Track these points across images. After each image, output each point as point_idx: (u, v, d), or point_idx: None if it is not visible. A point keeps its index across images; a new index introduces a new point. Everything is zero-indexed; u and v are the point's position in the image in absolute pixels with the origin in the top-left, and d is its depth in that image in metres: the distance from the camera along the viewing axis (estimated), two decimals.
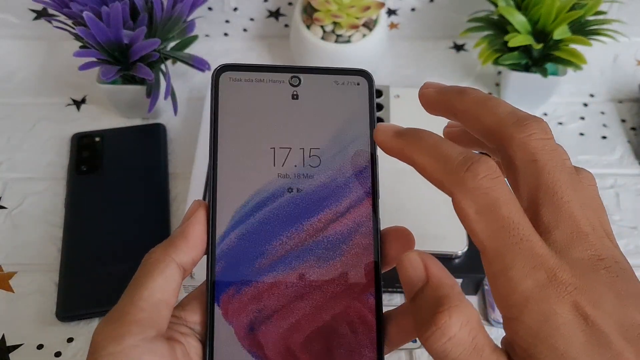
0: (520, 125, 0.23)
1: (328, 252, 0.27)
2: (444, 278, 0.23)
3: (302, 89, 0.28)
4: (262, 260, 0.27)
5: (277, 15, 0.67)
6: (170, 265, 0.26)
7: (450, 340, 0.21)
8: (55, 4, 0.51)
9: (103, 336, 0.24)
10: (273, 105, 0.28)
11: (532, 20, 0.55)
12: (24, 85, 0.64)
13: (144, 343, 0.24)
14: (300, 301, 0.27)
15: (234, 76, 0.28)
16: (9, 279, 0.50)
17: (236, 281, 0.27)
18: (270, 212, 0.27)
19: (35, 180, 0.56)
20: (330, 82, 0.28)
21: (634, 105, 0.62)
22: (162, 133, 0.58)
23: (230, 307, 0.27)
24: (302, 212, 0.27)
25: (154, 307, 0.25)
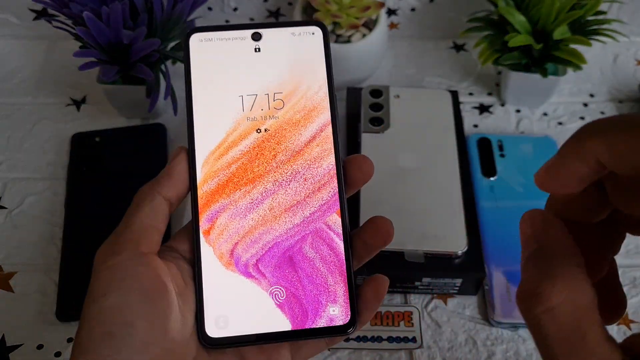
0: None
1: (296, 179, 0.31)
2: (563, 243, 0.20)
3: (264, 43, 0.32)
4: (238, 191, 0.31)
5: (277, 15, 0.67)
6: (156, 197, 0.30)
7: (548, 312, 0.18)
8: (55, 4, 0.51)
9: (102, 254, 0.29)
10: (238, 58, 0.32)
11: (532, 20, 0.55)
12: (24, 85, 0.64)
13: (138, 257, 0.28)
14: (274, 225, 0.30)
15: (202, 37, 0.32)
16: (9, 278, 0.50)
17: (216, 210, 0.31)
18: (242, 150, 0.31)
19: (35, 180, 0.56)
20: (288, 34, 0.32)
21: (634, 106, 0.62)
22: (162, 133, 0.58)
23: (213, 235, 0.31)
24: (270, 148, 0.31)
25: (144, 230, 0.29)
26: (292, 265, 0.30)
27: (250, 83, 0.32)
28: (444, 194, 0.50)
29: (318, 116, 0.32)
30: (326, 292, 0.30)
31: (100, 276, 0.28)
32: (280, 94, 0.32)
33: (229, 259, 0.30)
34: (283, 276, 0.30)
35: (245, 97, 0.32)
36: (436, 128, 0.54)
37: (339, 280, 0.30)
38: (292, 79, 0.32)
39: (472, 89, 0.64)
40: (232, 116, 0.31)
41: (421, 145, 0.53)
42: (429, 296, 0.49)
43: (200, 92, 0.32)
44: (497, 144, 0.56)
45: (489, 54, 0.57)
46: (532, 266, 0.20)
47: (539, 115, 0.61)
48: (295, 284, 0.30)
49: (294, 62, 0.32)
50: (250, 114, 0.31)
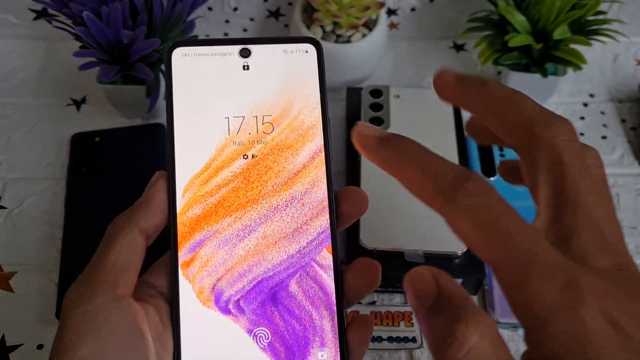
0: (546, 125, 0.23)
1: (284, 213, 0.28)
2: (457, 290, 0.21)
3: (253, 60, 0.29)
4: (222, 224, 0.28)
5: (277, 15, 0.67)
6: (133, 231, 0.27)
7: (470, 353, 0.19)
8: (54, 4, 0.51)
9: (72, 298, 0.26)
10: (225, 76, 0.29)
11: (532, 20, 0.55)
12: (23, 85, 0.64)
13: (113, 302, 0.26)
14: (260, 261, 0.28)
15: (185, 51, 0.29)
16: (9, 279, 0.50)
17: (197, 245, 0.28)
18: (227, 178, 0.29)
19: (35, 181, 0.56)
20: (279, 51, 0.30)
21: (634, 105, 0.62)
22: (162, 133, 0.58)
23: (192, 270, 0.28)
24: (258, 176, 0.29)
25: (120, 269, 0.27)
26: (278, 304, 0.28)
27: (237, 103, 0.29)
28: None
29: (310, 142, 0.29)
30: (314, 335, 0.28)
31: (72, 323, 0.25)
32: (269, 117, 0.29)
33: (210, 296, 0.28)
34: (268, 317, 0.28)
35: (232, 119, 0.29)
36: (436, 128, 0.54)
37: (329, 323, 0.28)
38: (283, 100, 0.29)
39: None
40: (217, 139, 0.29)
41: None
42: None
43: (182, 112, 0.29)
44: None
45: (489, 54, 0.57)
46: (436, 318, 0.20)
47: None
48: (281, 325, 0.28)
49: (286, 82, 0.29)
50: (237, 138, 0.29)
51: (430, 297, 0.21)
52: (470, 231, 0.21)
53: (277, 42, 0.30)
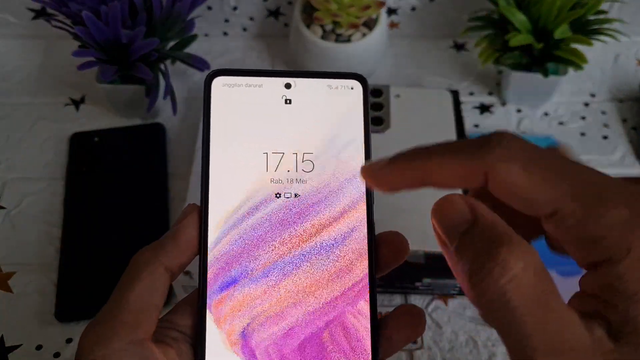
0: None
1: (321, 257, 0.27)
2: (496, 217, 0.19)
3: (295, 94, 0.28)
4: (255, 265, 0.27)
5: (276, 15, 0.67)
6: (158, 269, 0.25)
7: (512, 281, 0.17)
8: (53, 4, 0.51)
9: (89, 339, 0.24)
10: (266, 110, 0.28)
11: (532, 19, 0.55)
12: (22, 84, 0.64)
13: (131, 346, 0.24)
14: (292, 307, 0.26)
15: (226, 81, 0.28)
16: (8, 279, 0.49)
17: (228, 286, 0.27)
18: (262, 217, 0.27)
19: (34, 180, 0.56)
20: (324, 86, 0.28)
21: (635, 105, 0.62)
22: (161, 133, 0.58)
23: (221, 312, 0.26)
24: (295, 217, 0.27)
25: (141, 309, 0.25)
26: (308, 356, 0.26)
27: (277, 139, 0.28)
28: (444, 194, 0.49)
29: (351, 185, 0.27)
30: None
31: None
32: (310, 154, 0.28)
33: (238, 340, 0.26)
34: None
35: (271, 155, 0.27)
36: (437, 128, 0.54)
37: None
38: (325, 138, 0.28)
39: (473, 89, 0.64)
40: (253, 175, 0.27)
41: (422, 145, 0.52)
42: (430, 297, 0.49)
43: (219, 145, 0.27)
44: None
45: (489, 53, 0.57)
46: (472, 245, 0.19)
47: (539, 114, 0.61)
48: None
49: (329, 119, 0.28)
50: (275, 175, 0.27)
51: (463, 223, 0.20)
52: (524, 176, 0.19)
53: (321, 76, 0.28)
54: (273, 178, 0.27)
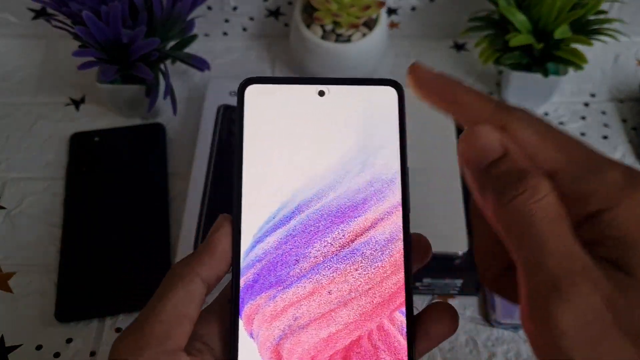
0: None
1: (356, 265, 0.26)
2: (524, 154, 0.21)
3: (329, 101, 0.28)
4: (289, 274, 0.26)
5: (276, 15, 0.67)
6: (194, 280, 0.25)
7: (540, 202, 0.20)
8: (54, 3, 0.51)
9: (122, 347, 0.24)
10: (299, 118, 0.27)
11: (533, 19, 0.55)
12: (22, 84, 0.64)
13: (163, 356, 0.24)
14: (327, 316, 0.26)
15: (259, 89, 0.28)
16: (8, 279, 0.49)
17: (261, 294, 0.26)
18: (296, 225, 0.27)
19: (34, 180, 0.56)
20: (357, 92, 0.28)
21: (635, 105, 0.62)
22: (161, 133, 0.58)
23: (255, 323, 0.26)
24: (329, 225, 0.27)
25: (175, 320, 0.25)
26: None
27: (310, 146, 0.27)
28: (444, 194, 0.49)
29: (386, 192, 0.27)
30: None
31: None
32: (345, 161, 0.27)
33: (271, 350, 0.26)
34: None
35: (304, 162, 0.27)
36: (436, 128, 0.54)
37: None
38: (359, 145, 0.27)
39: None
40: (287, 183, 0.27)
41: (421, 145, 0.52)
42: (430, 297, 0.49)
43: (252, 153, 0.27)
44: None
45: (489, 53, 0.57)
46: (503, 171, 0.21)
47: (540, 115, 0.61)
48: None
49: (363, 126, 0.27)
50: (309, 182, 0.27)
51: (495, 152, 0.22)
52: (537, 137, 0.21)
53: (355, 83, 0.28)
54: (307, 185, 0.27)
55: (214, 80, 0.59)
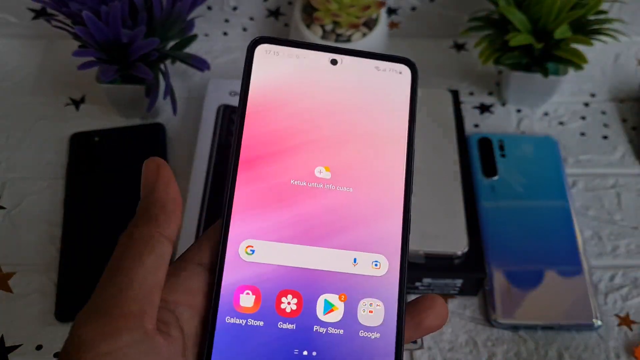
0: None
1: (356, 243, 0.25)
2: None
3: (341, 71, 0.27)
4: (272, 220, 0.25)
5: (276, 15, 0.67)
6: (160, 241, 0.23)
7: None
8: (54, 4, 0.51)
9: (91, 332, 0.21)
10: (309, 84, 0.27)
11: (532, 19, 0.55)
12: (22, 84, 0.64)
13: (141, 340, 0.21)
14: None
15: (270, 49, 0.27)
16: (8, 279, 0.49)
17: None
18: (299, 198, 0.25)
19: (34, 180, 0.56)
20: (371, 67, 0.27)
21: (635, 105, 0.62)
22: (161, 133, 0.58)
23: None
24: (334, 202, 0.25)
25: (147, 295, 0.22)
26: None
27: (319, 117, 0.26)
28: (444, 194, 0.49)
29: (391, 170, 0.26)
30: None
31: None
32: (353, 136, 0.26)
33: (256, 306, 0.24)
34: None
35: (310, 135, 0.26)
36: (437, 128, 0.54)
37: None
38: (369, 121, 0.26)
39: (473, 89, 0.64)
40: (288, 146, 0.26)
41: (421, 145, 0.52)
42: None
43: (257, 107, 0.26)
44: (498, 143, 0.56)
45: (489, 53, 0.57)
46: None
47: (540, 114, 0.61)
48: None
49: (374, 102, 0.27)
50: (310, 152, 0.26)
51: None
52: None
53: (370, 56, 0.27)
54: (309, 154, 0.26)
55: (213, 80, 0.59)
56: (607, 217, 0.54)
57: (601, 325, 0.46)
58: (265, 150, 0.25)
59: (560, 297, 0.47)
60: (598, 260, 0.51)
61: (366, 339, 0.24)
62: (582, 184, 0.56)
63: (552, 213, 0.52)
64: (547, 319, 0.46)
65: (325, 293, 0.24)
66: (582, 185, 0.56)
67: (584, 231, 0.52)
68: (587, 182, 0.56)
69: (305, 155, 0.26)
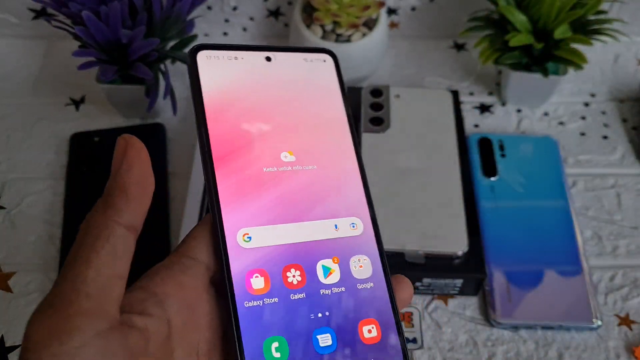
0: None
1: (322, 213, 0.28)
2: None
3: (276, 66, 0.30)
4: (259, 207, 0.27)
5: (276, 15, 0.67)
6: (115, 231, 0.22)
7: None
8: (54, 4, 0.51)
9: (42, 332, 0.19)
10: (252, 82, 0.29)
11: (532, 19, 0.55)
12: (23, 84, 0.64)
13: (96, 340, 0.19)
14: None
15: (210, 54, 0.29)
16: (8, 279, 0.49)
17: None
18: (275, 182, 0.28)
19: (35, 180, 0.56)
20: (300, 59, 0.30)
21: (635, 105, 0.62)
22: (161, 133, 0.58)
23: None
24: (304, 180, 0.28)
25: (103, 289, 0.20)
26: None
27: (264, 110, 0.29)
28: (444, 194, 0.49)
29: (340, 146, 0.29)
30: None
31: None
32: (296, 123, 0.29)
33: None
34: None
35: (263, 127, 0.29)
36: (437, 128, 0.54)
37: None
38: (308, 107, 0.30)
39: (473, 89, 0.64)
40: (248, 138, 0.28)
41: (421, 145, 0.52)
42: (430, 297, 0.49)
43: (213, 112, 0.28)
44: (498, 143, 0.56)
45: (489, 53, 0.57)
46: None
47: (539, 114, 0.61)
48: None
49: (309, 89, 0.30)
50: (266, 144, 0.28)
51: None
52: None
53: (297, 50, 0.31)
54: (271, 143, 0.28)
55: None
56: (607, 217, 0.54)
57: (601, 325, 0.46)
58: (232, 146, 0.28)
59: (560, 297, 0.47)
60: (598, 260, 0.51)
61: (364, 289, 0.27)
62: (582, 184, 0.56)
63: (552, 213, 0.52)
64: (547, 319, 0.46)
65: (321, 259, 0.27)
66: (582, 185, 0.56)
67: (583, 231, 0.52)
68: (587, 182, 0.56)
69: (269, 144, 0.28)
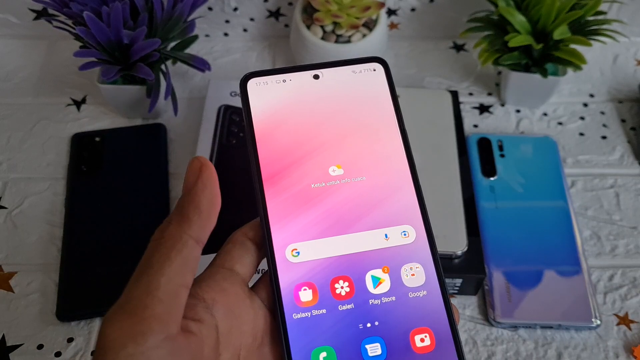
0: None
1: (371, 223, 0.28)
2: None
3: (324, 82, 0.30)
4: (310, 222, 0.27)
5: (277, 15, 0.67)
6: (188, 244, 0.23)
7: None
8: (55, 4, 0.51)
9: (119, 333, 0.21)
10: (301, 101, 0.30)
11: (532, 20, 0.55)
12: (24, 85, 0.64)
13: (167, 343, 0.21)
14: None
15: (259, 81, 0.30)
16: (9, 279, 0.50)
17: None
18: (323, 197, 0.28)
19: (36, 180, 0.56)
20: (349, 72, 0.30)
21: (634, 105, 0.62)
22: (162, 133, 0.58)
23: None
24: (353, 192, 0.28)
25: (173, 296, 0.22)
26: None
27: (317, 127, 0.29)
28: (444, 194, 0.50)
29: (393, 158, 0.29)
30: None
31: None
32: (350, 138, 0.29)
33: None
34: None
35: (314, 145, 0.29)
36: (436, 128, 0.54)
37: None
38: (360, 120, 0.30)
39: (472, 89, 0.64)
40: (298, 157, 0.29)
41: (421, 145, 0.53)
42: None
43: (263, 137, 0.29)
44: (497, 144, 0.56)
45: (489, 54, 0.57)
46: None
47: (539, 115, 0.61)
48: None
49: (359, 101, 0.30)
50: (318, 162, 0.29)
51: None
52: None
53: (344, 64, 0.30)
54: (319, 158, 0.29)
55: (214, 80, 0.60)
56: (606, 217, 0.54)
57: (600, 324, 0.47)
58: (281, 165, 0.28)
59: (559, 297, 0.47)
60: (597, 260, 0.51)
61: (416, 298, 0.27)
62: (581, 184, 0.56)
63: (551, 213, 0.52)
64: (546, 319, 0.47)
65: (370, 270, 0.27)
66: (581, 185, 0.56)
67: (583, 231, 0.53)
68: (586, 182, 0.56)
69: (317, 160, 0.29)
